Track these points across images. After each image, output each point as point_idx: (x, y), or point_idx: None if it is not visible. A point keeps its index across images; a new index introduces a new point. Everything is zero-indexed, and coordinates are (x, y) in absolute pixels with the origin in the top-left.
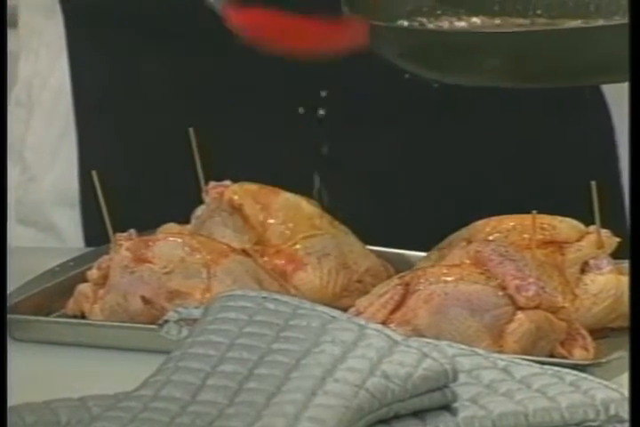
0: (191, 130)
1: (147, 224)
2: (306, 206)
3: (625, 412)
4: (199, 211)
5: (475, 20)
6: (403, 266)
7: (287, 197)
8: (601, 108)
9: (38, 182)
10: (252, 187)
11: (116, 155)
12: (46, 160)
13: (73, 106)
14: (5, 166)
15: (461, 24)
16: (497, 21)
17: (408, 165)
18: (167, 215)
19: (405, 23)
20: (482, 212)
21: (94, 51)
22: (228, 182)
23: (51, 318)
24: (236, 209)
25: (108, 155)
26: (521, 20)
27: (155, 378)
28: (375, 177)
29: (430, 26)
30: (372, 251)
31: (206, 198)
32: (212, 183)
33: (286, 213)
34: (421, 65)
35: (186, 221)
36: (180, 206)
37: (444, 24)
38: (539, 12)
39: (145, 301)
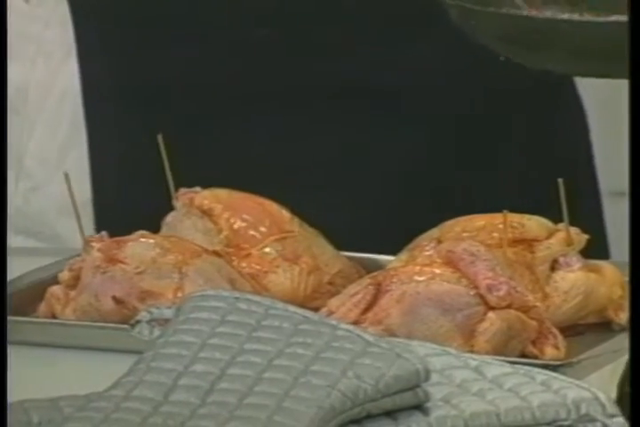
0: (159, 137)
1: None
2: (275, 210)
3: (596, 411)
4: (169, 217)
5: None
6: (374, 270)
7: (257, 201)
8: (575, 107)
9: (42, 192)
10: (222, 192)
11: (129, 161)
12: (50, 169)
13: (84, 113)
14: (5, 168)
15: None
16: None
17: (375, 167)
18: None
19: (504, 9)
20: (452, 211)
21: (105, 57)
22: (198, 189)
23: (23, 318)
24: (207, 213)
25: (120, 161)
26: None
27: (127, 378)
28: (343, 180)
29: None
30: (343, 254)
31: (176, 204)
32: (182, 190)
33: (256, 216)
34: (519, 50)
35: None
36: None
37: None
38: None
39: (117, 301)
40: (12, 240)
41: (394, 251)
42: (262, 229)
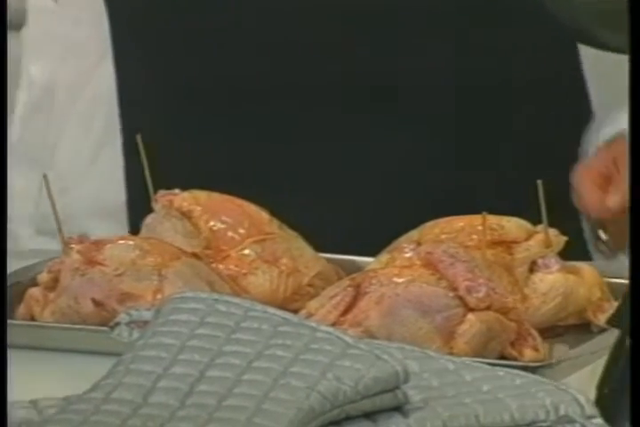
0: (138, 137)
1: None
2: (255, 212)
3: (575, 412)
4: (149, 219)
5: None
6: (353, 271)
7: (236, 203)
8: (554, 106)
9: (72, 193)
10: (202, 194)
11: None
12: (82, 170)
13: (119, 113)
14: (5, 166)
15: None
16: None
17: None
18: None
19: None
20: (431, 213)
21: (141, 57)
22: (177, 191)
23: None
24: (186, 215)
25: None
26: None
27: (106, 381)
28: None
29: None
30: (322, 256)
31: (156, 206)
32: (162, 191)
33: (235, 218)
34: (611, 31)
35: None
36: None
37: None
38: None
39: (96, 303)
40: (37, 241)
41: (373, 253)
42: (241, 230)
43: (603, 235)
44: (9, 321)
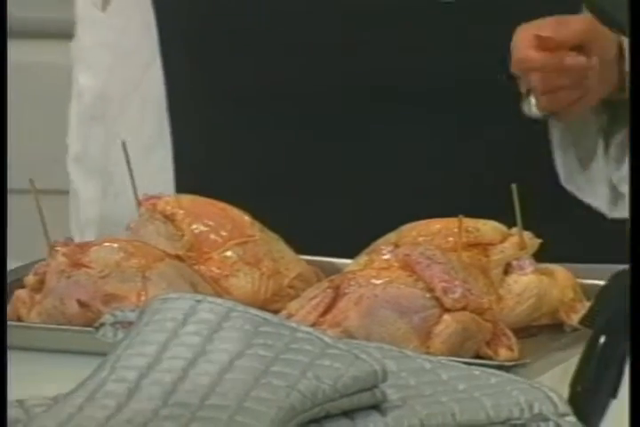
0: (123, 143)
1: None
2: (237, 215)
3: (548, 410)
4: (133, 222)
5: None
6: (333, 273)
7: (219, 206)
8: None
9: (123, 198)
10: (185, 198)
11: (213, 163)
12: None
13: (169, 118)
14: (5, 166)
15: None
16: None
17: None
18: None
19: None
20: (408, 216)
21: (189, 62)
22: (160, 194)
23: None
24: (169, 218)
25: (205, 167)
26: None
27: (91, 380)
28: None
29: None
30: (303, 258)
31: (140, 209)
32: (145, 195)
33: (218, 221)
34: None
35: None
36: None
37: None
38: None
39: (81, 304)
40: None
41: (352, 255)
42: (223, 233)
43: (531, 97)
44: None
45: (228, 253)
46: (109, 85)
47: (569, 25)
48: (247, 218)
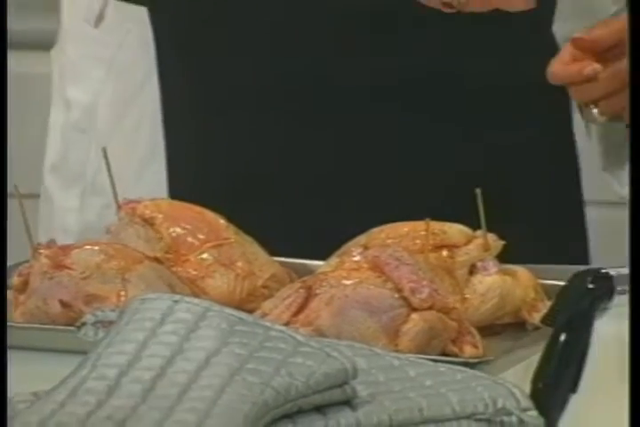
0: (104, 148)
1: None
2: (212, 218)
3: (511, 405)
4: (113, 226)
5: None
6: (305, 274)
7: (196, 210)
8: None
9: (114, 209)
10: (163, 202)
11: (205, 178)
12: (126, 187)
13: (163, 133)
14: (5, 166)
15: None
16: None
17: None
18: None
19: None
20: (378, 219)
21: (185, 78)
22: (140, 199)
23: None
24: (148, 222)
25: (198, 180)
26: None
27: (73, 376)
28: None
29: None
30: (276, 260)
31: (119, 213)
32: (125, 199)
33: (195, 225)
34: None
35: None
36: None
37: None
38: None
39: (64, 304)
40: None
41: (323, 256)
42: (200, 236)
43: (591, 107)
44: None
45: (205, 256)
46: (101, 98)
47: (608, 24)
48: (222, 221)
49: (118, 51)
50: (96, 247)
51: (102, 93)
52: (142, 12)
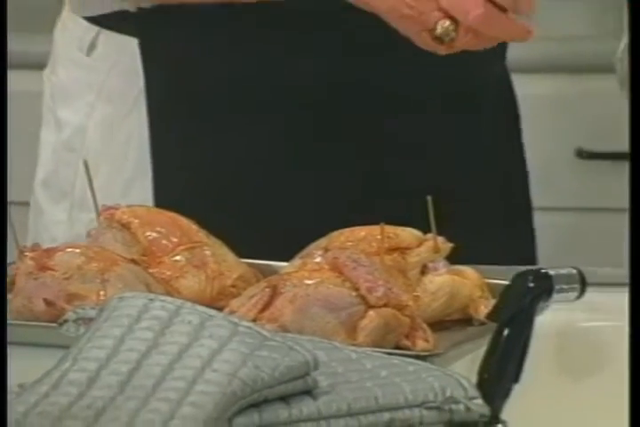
0: (85, 161)
1: None
2: (185, 223)
3: (459, 394)
4: (93, 230)
5: None
6: (270, 274)
7: (169, 215)
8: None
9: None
10: (139, 208)
11: (189, 196)
12: (114, 202)
13: (150, 154)
14: (5, 166)
15: None
16: None
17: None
18: None
19: None
20: (336, 224)
21: (171, 105)
22: (118, 205)
23: None
24: (125, 227)
25: (182, 197)
26: None
27: (56, 369)
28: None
29: None
30: (243, 261)
31: (99, 219)
32: (104, 206)
33: (168, 229)
34: None
35: None
36: None
37: None
38: None
39: (47, 303)
40: None
41: (287, 258)
42: (174, 239)
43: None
44: None
45: (178, 258)
46: (91, 120)
47: None
48: (194, 226)
49: (108, 77)
50: (77, 250)
51: (92, 116)
52: (133, 43)
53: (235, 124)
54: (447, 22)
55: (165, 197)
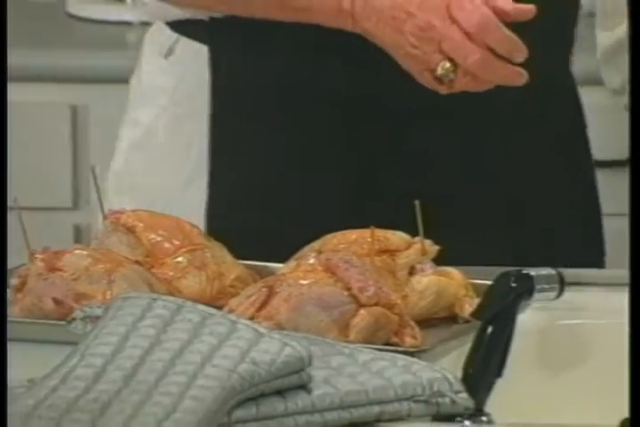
0: (92, 168)
1: None
2: (187, 227)
3: (445, 388)
4: (100, 233)
5: None
6: (267, 275)
7: (172, 219)
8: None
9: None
10: (143, 213)
11: (243, 200)
12: (172, 201)
13: (209, 160)
14: (5, 166)
15: None
16: None
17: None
18: None
19: None
20: (330, 227)
21: (235, 114)
22: (123, 209)
23: None
24: (130, 230)
25: (235, 200)
26: None
27: (64, 365)
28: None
29: None
30: (241, 263)
31: (105, 222)
32: (110, 210)
33: (171, 232)
34: None
35: None
36: None
37: None
38: None
39: (56, 302)
40: None
41: (283, 259)
42: (176, 242)
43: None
44: None
45: (180, 259)
46: (160, 122)
47: None
48: (195, 229)
49: (180, 81)
50: (84, 252)
51: (161, 117)
52: (204, 49)
53: (285, 128)
54: (448, 64)
55: (217, 196)
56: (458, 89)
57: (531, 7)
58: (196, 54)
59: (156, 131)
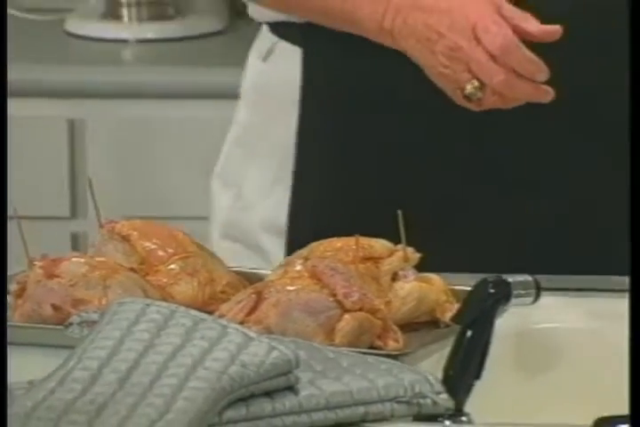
0: (89, 179)
1: None
2: (180, 235)
3: (426, 389)
4: (96, 242)
5: None
6: (256, 281)
7: (165, 228)
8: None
9: (250, 212)
10: (138, 222)
11: (326, 201)
12: (260, 197)
13: (294, 159)
14: (5, 166)
15: None
16: None
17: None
18: None
19: None
20: (318, 235)
21: (324, 116)
22: (119, 219)
23: None
24: (125, 238)
25: (319, 201)
26: None
27: (62, 368)
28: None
29: None
30: (232, 269)
31: (101, 231)
32: (106, 219)
33: (164, 240)
34: None
35: None
36: None
37: None
38: None
39: (54, 307)
40: (220, 243)
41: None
42: (169, 250)
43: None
44: None
45: (173, 266)
46: (254, 120)
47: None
48: (188, 238)
49: (275, 82)
50: (82, 259)
51: (254, 116)
52: (298, 51)
53: (376, 129)
54: (476, 83)
55: (301, 196)
56: (486, 107)
57: (557, 28)
58: (291, 55)
59: (250, 129)
